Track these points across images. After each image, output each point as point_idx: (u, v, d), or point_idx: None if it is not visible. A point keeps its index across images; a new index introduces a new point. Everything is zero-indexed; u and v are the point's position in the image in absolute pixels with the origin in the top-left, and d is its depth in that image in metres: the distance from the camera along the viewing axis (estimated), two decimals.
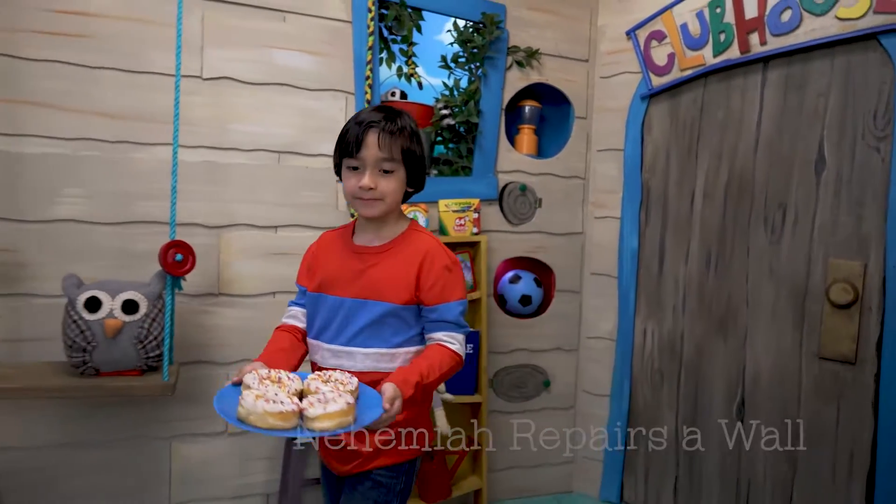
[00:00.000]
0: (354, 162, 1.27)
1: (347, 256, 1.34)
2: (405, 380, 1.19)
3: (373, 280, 1.30)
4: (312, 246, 1.43)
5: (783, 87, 2.18)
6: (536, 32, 2.50)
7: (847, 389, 2.04)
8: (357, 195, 1.28)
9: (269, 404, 0.98)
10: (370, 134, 1.25)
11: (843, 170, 2.05)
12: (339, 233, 1.42)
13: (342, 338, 1.31)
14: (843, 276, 2.03)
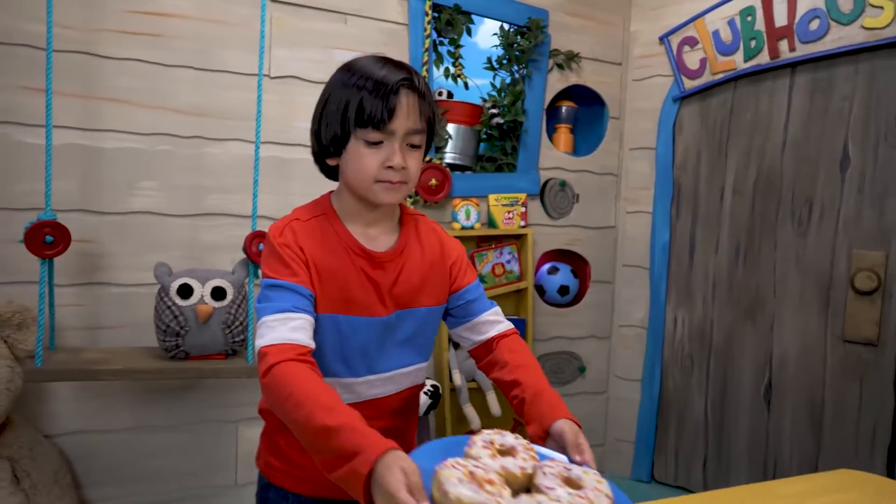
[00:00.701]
0: (377, 135, 0.94)
1: (365, 267, 1.00)
2: (564, 409, 0.96)
3: (407, 286, 1.04)
4: (290, 238, 0.98)
5: (810, 90, 2.35)
6: (575, 37, 2.63)
7: (869, 370, 2.21)
8: (382, 177, 0.95)
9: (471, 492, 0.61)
10: (403, 96, 0.93)
11: (866, 167, 2.22)
12: (318, 224, 1.02)
13: (387, 361, 1.04)
14: (867, 265, 2.20)
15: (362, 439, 0.72)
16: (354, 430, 0.74)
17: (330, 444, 0.75)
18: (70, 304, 1.92)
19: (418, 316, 1.05)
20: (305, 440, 0.81)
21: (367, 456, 0.69)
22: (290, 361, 0.85)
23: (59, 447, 1.93)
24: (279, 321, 0.89)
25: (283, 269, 0.95)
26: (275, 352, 0.87)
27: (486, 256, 2.40)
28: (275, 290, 0.94)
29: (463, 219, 2.37)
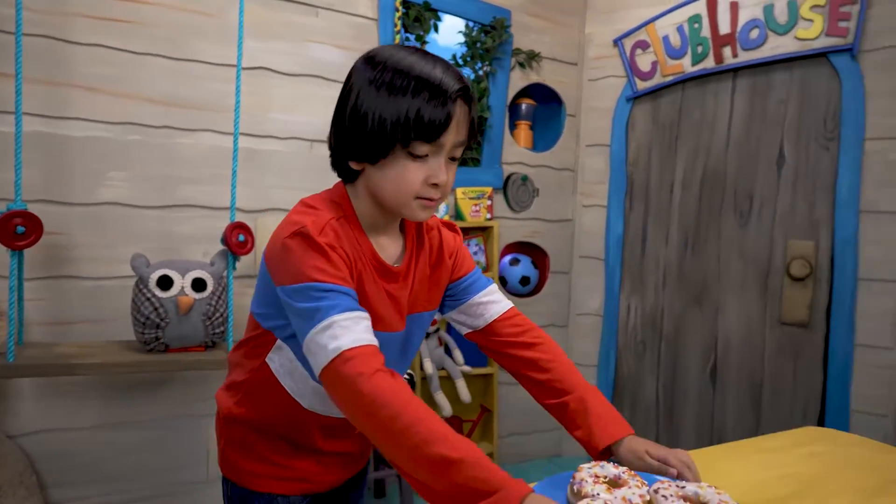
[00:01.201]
0: (426, 148, 0.83)
1: (383, 281, 0.92)
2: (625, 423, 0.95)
3: (418, 295, 0.98)
4: (333, 238, 0.84)
5: (750, 94, 2.55)
6: (535, 37, 2.74)
7: (802, 349, 2.44)
8: (423, 194, 0.85)
9: None
10: (459, 109, 0.83)
11: (799, 165, 2.44)
12: (344, 226, 0.89)
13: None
14: (800, 253, 2.42)
15: (496, 475, 0.69)
16: (480, 466, 0.70)
17: (452, 477, 0.69)
18: (35, 299, 1.85)
19: (422, 321, 0.99)
20: (410, 466, 0.73)
21: (511, 493, 0.67)
22: (383, 373, 0.75)
23: (23, 447, 1.86)
24: (352, 320, 0.78)
25: (332, 271, 0.81)
26: (361, 357, 0.76)
27: None
28: (331, 294, 0.80)
29: None
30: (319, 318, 0.78)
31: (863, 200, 2.30)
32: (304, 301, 0.80)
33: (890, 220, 2.25)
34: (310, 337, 0.78)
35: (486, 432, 2.65)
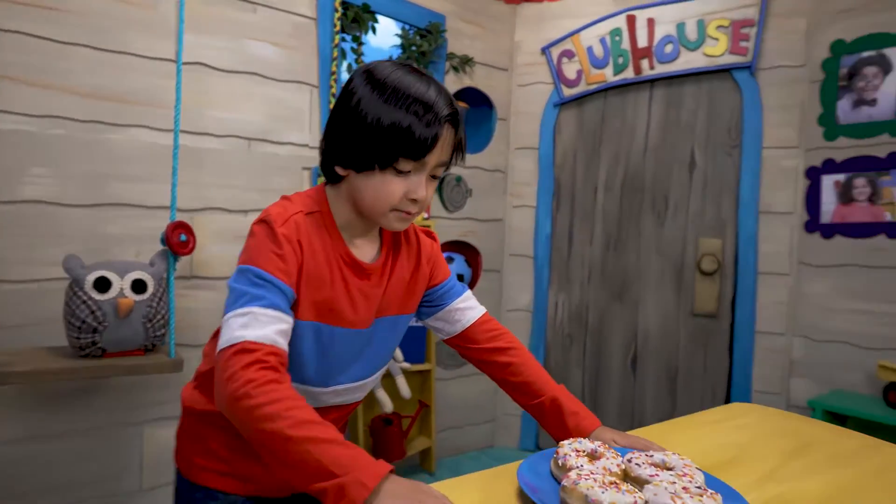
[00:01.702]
0: (410, 165, 0.86)
1: (352, 278, 0.93)
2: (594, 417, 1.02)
3: (391, 297, 0.99)
4: (293, 231, 0.87)
5: (665, 104, 2.77)
6: (468, 42, 2.83)
7: (711, 338, 2.68)
8: (401, 207, 0.88)
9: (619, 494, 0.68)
10: (445, 132, 0.86)
11: (708, 170, 2.68)
12: (316, 223, 0.91)
13: (359, 371, 0.99)
14: (709, 250, 2.66)
15: (355, 454, 0.72)
16: (345, 445, 0.72)
17: (313, 456, 0.70)
18: None
19: (395, 324, 1.01)
20: (274, 451, 0.73)
21: (368, 473, 0.69)
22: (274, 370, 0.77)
23: None
24: (270, 318, 0.80)
25: (279, 263, 0.84)
26: (261, 352, 0.77)
27: None
28: (267, 285, 0.82)
29: None
30: (243, 303, 0.80)
31: (761, 202, 2.56)
32: (242, 283, 0.83)
33: (783, 219, 2.53)
34: (227, 316, 0.80)
35: (424, 427, 2.71)
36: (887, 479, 0.94)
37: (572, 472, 0.74)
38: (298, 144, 2.35)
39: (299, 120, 2.34)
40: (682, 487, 0.71)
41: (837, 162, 2.41)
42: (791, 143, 2.51)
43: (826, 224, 2.44)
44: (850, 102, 2.39)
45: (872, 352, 2.31)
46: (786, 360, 2.53)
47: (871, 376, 2.30)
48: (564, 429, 0.99)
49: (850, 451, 1.03)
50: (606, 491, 0.68)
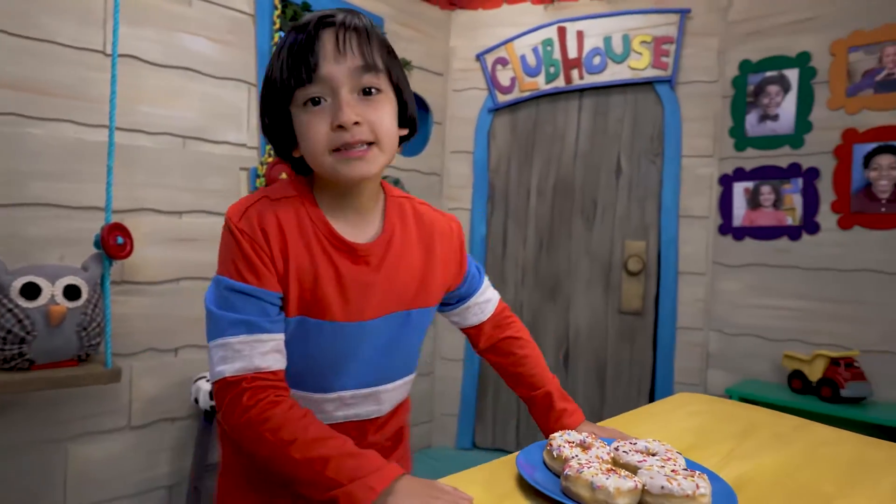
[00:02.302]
0: (314, 89, 0.76)
1: (342, 262, 0.82)
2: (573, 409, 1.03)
3: (397, 284, 0.87)
4: (254, 223, 0.79)
5: (594, 112, 2.92)
6: (405, 45, 2.85)
7: (637, 334, 2.85)
8: (337, 143, 0.77)
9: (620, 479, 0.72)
10: (326, 36, 0.76)
11: (633, 176, 2.85)
12: (293, 206, 0.82)
13: (364, 374, 0.88)
14: (635, 252, 2.83)
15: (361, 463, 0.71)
16: (352, 455, 0.72)
17: (321, 473, 0.70)
18: None
19: (408, 320, 0.89)
20: (285, 474, 0.73)
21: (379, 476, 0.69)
22: (263, 392, 0.74)
23: None
24: (246, 344, 0.75)
25: (245, 266, 0.76)
26: (248, 386, 0.74)
27: None
28: (237, 297, 0.76)
29: None
30: (218, 332, 0.76)
31: (681, 207, 2.76)
32: (215, 302, 0.78)
33: (700, 223, 2.73)
34: (209, 345, 0.78)
35: None
36: (822, 453, 1.05)
37: (573, 461, 0.78)
38: (236, 144, 2.27)
39: (237, 119, 2.27)
40: (671, 470, 0.77)
41: (747, 171, 2.64)
42: (706, 152, 2.72)
43: (737, 227, 2.67)
44: (756, 117, 2.63)
45: (778, 343, 2.55)
46: (703, 352, 2.73)
47: (777, 365, 2.54)
48: (551, 426, 1.02)
49: (789, 431, 1.15)
50: (610, 477, 0.73)
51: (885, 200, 2.34)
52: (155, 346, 2.09)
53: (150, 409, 2.10)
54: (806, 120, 2.50)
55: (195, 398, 2.00)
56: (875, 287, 2.34)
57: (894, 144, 2.32)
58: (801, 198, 2.51)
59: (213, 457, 2.23)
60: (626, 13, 2.78)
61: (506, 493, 0.80)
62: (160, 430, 2.13)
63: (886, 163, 2.33)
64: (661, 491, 0.73)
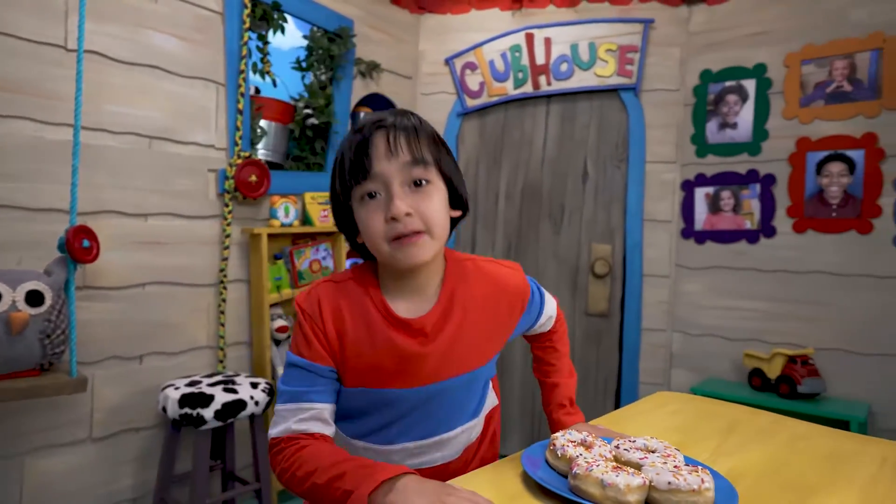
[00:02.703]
0: (369, 185, 0.85)
1: (398, 335, 0.89)
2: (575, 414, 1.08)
3: (458, 351, 0.92)
4: (315, 305, 0.90)
5: (561, 118, 2.97)
6: (375, 48, 2.83)
7: (603, 335, 2.90)
8: (392, 234, 0.84)
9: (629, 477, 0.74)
10: (378, 138, 0.85)
11: (599, 181, 2.92)
12: (354, 289, 0.92)
13: (420, 430, 0.94)
14: (601, 255, 2.89)
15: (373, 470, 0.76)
16: (367, 466, 0.77)
17: (341, 486, 0.76)
18: None
19: (471, 378, 0.95)
20: (320, 501, 0.79)
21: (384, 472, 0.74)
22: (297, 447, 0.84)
23: None
24: (290, 412, 0.87)
25: (302, 342, 0.89)
26: (285, 445, 0.86)
27: (304, 253, 2.45)
28: (292, 371, 0.90)
29: (282, 216, 2.38)
30: (278, 398, 0.90)
31: (645, 211, 2.83)
32: (284, 374, 0.92)
33: (663, 227, 2.82)
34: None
35: None
36: (801, 446, 1.10)
37: (580, 460, 0.79)
38: (204, 145, 2.21)
39: (205, 119, 2.21)
40: (673, 466, 0.79)
41: (707, 176, 2.73)
42: (670, 158, 2.80)
43: (699, 231, 2.76)
44: (716, 125, 2.73)
45: (738, 343, 2.65)
46: (667, 353, 2.81)
47: (738, 364, 2.64)
48: (550, 420, 1.08)
49: (766, 427, 1.19)
50: (619, 475, 0.74)
51: (836, 206, 2.46)
52: (118, 353, 2.01)
53: (112, 420, 2.02)
54: (763, 128, 2.61)
55: (163, 407, 1.94)
56: (828, 288, 2.46)
57: (844, 153, 2.44)
58: (758, 203, 2.62)
59: (179, 467, 2.16)
60: (592, 22, 2.84)
61: (515, 494, 0.81)
62: (123, 440, 2.05)
63: (837, 170, 2.46)
64: (668, 486, 0.74)
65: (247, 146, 2.31)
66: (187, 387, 1.95)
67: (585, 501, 0.74)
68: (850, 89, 2.44)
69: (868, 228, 2.38)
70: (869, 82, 2.40)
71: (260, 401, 2.00)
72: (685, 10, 2.78)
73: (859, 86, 2.42)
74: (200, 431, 1.90)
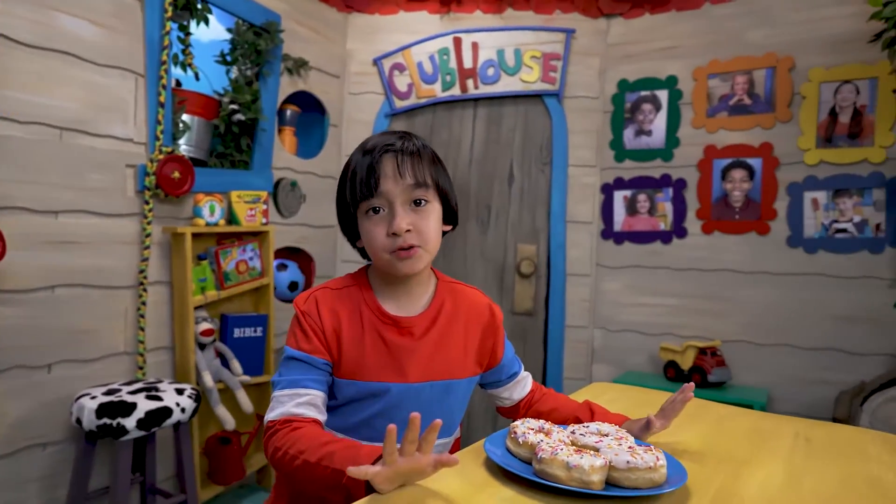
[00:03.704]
0: (375, 202, 0.95)
1: (388, 333, 0.99)
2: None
3: (440, 356, 1.01)
4: (312, 306, 0.99)
5: (487, 121, 3.04)
6: (303, 45, 2.78)
7: (529, 334, 3.00)
8: (392, 247, 0.94)
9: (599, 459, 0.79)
10: (386, 161, 0.95)
11: (524, 184, 3.01)
12: (349, 294, 1.02)
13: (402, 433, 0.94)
14: (527, 255, 2.98)
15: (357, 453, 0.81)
16: (351, 447, 0.83)
17: (329, 467, 0.81)
18: None
19: (448, 389, 1.02)
20: (308, 480, 0.85)
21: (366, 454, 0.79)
22: (289, 429, 0.89)
23: None
24: (288, 396, 0.94)
25: (301, 337, 0.98)
26: (280, 427, 0.91)
27: (231, 253, 2.35)
28: (290, 363, 0.97)
29: (207, 215, 2.28)
30: (274, 387, 0.96)
31: (568, 213, 2.95)
32: (281, 366, 0.98)
33: (585, 228, 2.95)
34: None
35: (261, 442, 2.57)
36: (727, 426, 1.20)
37: (543, 444, 0.83)
38: (121, 138, 2.08)
39: (122, 111, 2.08)
40: (628, 447, 0.84)
41: (625, 180, 2.89)
42: (590, 162, 2.94)
43: (618, 232, 2.91)
44: (633, 131, 2.89)
45: (654, 337, 2.81)
46: (589, 349, 2.94)
47: (654, 357, 2.81)
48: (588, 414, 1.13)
49: (694, 410, 1.28)
50: (582, 457, 0.78)
51: (739, 209, 2.68)
52: (24, 362, 1.86)
53: (17, 435, 1.85)
54: (675, 136, 2.80)
55: (77, 418, 1.80)
56: (732, 285, 2.67)
57: (745, 160, 2.66)
58: (671, 206, 2.80)
59: (95, 483, 2.02)
60: (517, 29, 2.93)
61: (482, 482, 0.83)
62: (29, 457, 1.89)
63: (739, 176, 2.68)
64: (626, 465, 0.79)
65: (168, 141, 2.19)
66: (105, 395, 1.83)
67: (552, 483, 0.78)
68: (750, 102, 2.66)
69: (766, 230, 2.61)
70: (765, 97, 2.64)
71: (187, 407, 1.91)
72: (604, 22, 2.93)
73: (757, 100, 2.65)
74: (121, 443, 1.79)
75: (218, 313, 2.44)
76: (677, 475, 0.83)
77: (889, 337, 2.37)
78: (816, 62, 2.52)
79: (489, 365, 1.11)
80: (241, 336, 2.42)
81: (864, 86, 2.46)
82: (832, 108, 2.51)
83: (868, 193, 2.46)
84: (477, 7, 2.98)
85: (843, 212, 2.49)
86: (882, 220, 2.42)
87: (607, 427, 0.94)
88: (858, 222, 2.47)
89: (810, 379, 2.50)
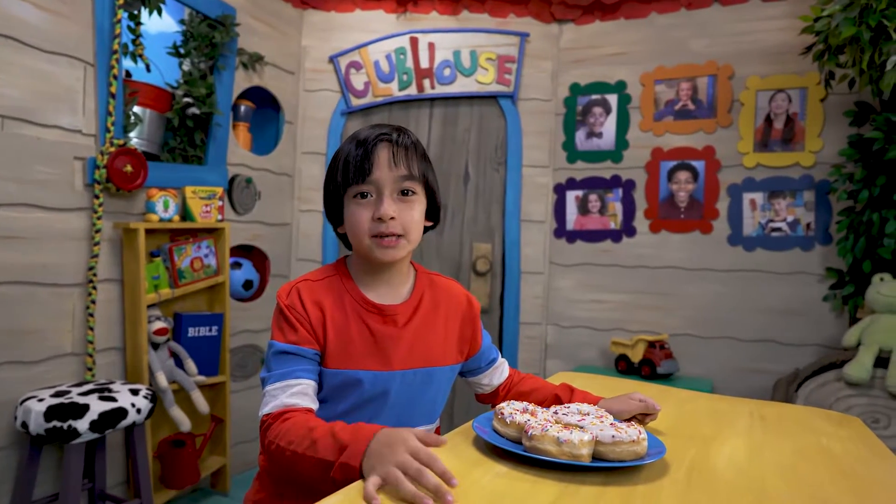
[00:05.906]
0: (364, 187, 0.97)
1: (372, 321, 1.00)
2: None
3: (422, 344, 1.03)
4: (295, 298, 0.99)
5: (444, 121, 3.07)
6: (258, 40, 2.73)
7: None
8: (375, 231, 0.96)
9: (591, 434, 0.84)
10: (381, 149, 0.97)
11: (480, 183, 3.06)
12: (331, 283, 1.03)
13: (390, 421, 1.01)
14: (482, 253, 3.04)
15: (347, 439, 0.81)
16: (343, 431, 0.83)
17: (318, 455, 0.82)
18: None
19: (430, 377, 1.04)
20: (303, 469, 0.84)
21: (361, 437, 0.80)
22: (281, 420, 0.90)
23: None
24: (279, 389, 0.94)
25: (287, 329, 0.98)
26: (273, 421, 0.91)
27: (185, 250, 2.29)
28: (279, 357, 0.97)
29: (161, 210, 2.21)
30: (264, 383, 0.97)
31: (522, 212, 3.02)
32: (266, 366, 0.98)
33: (538, 227, 3.03)
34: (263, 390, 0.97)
35: (217, 444, 2.50)
36: (689, 408, 1.27)
37: (532, 422, 0.86)
38: (69, 129, 1.99)
39: (71, 100, 1.99)
40: (610, 424, 0.88)
41: (577, 181, 2.99)
42: (543, 163, 3.02)
43: (570, 231, 3.01)
44: (584, 133, 2.99)
45: (605, 332, 2.92)
46: (542, 344, 3.02)
47: (605, 351, 2.91)
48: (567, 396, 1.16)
49: (658, 394, 1.35)
50: (572, 432, 0.82)
51: (684, 209, 2.82)
52: None
53: None
54: (624, 138, 2.91)
55: (22, 422, 1.71)
56: (677, 281, 2.80)
57: (689, 163, 2.81)
58: (621, 205, 2.92)
59: (41, 491, 1.92)
60: (473, 31, 2.98)
61: (475, 460, 0.85)
62: None
63: (684, 178, 2.81)
64: (612, 440, 0.84)
65: (120, 133, 2.11)
66: (53, 397, 1.75)
67: (544, 458, 0.81)
68: (693, 108, 2.81)
69: (709, 228, 2.76)
70: (707, 103, 2.79)
71: (142, 408, 1.84)
72: (556, 27, 3.02)
73: (700, 105, 2.80)
74: (72, 446, 1.71)
75: (171, 312, 2.36)
76: (656, 448, 0.88)
77: (820, 328, 2.55)
78: (753, 71, 2.69)
79: (469, 353, 1.14)
80: (196, 335, 2.35)
81: (795, 95, 2.64)
82: (767, 114, 2.68)
83: (800, 195, 2.63)
84: (433, 8, 3.01)
85: (777, 212, 2.66)
86: (812, 220, 2.61)
87: (587, 407, 0.98)
88: (791, 222, 2.64)
89: (750, 368, 2.66)
